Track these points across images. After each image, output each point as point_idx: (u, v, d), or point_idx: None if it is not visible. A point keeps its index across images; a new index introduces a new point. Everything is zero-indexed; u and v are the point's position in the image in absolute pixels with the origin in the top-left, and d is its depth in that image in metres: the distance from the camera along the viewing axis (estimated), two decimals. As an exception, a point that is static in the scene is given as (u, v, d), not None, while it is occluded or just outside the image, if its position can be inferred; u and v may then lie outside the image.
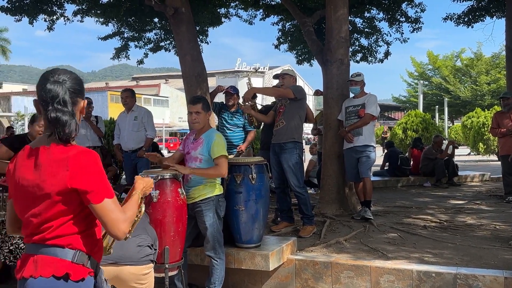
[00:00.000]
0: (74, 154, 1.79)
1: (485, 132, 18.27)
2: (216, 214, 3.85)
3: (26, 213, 1.83)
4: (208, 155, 3.81)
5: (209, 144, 3.80)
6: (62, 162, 1.77)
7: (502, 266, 4.00)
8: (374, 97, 5.95)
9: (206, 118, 3.91)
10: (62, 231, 1.80)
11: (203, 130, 3.91)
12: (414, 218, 6.21)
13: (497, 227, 5.56)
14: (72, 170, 1.76)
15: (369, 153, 5.85)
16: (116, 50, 10.75)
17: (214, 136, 3.84)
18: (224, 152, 3.81)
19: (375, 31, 11.19)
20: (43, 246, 1.80)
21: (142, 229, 3.07)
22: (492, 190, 9.09)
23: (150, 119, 6.95)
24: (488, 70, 41.04)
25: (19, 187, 1.84)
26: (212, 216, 3.83)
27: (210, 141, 3.81)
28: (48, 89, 1.81)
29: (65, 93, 1.82)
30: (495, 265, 4.06)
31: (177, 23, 6.29)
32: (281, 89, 5.29)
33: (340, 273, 4.16)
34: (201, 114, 3.86)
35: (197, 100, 3.94)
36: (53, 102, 1.80)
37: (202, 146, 3.84)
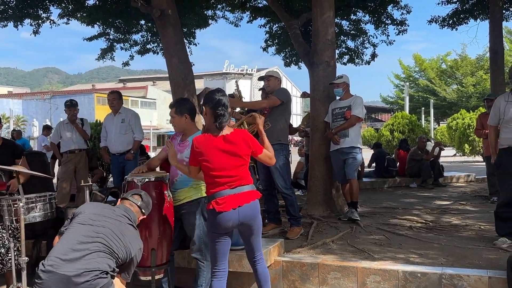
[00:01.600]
0: (245, 133, 3.33)
1: (470, 133, 18.47)
2: (202, 216, 3.81)
3: (221, 171, 3.19)
4: None
5: None
6: (243, 138, 3.25)
7: (486, 266, 4.05)
8: (360, 99, 5.99)
9: (183, 121, 3.85)
10: (246, 175, 3.27)
11: (190, 133, 3.87)
12: (400, 218, 6.26)
13: (481, 227, 5.63)
14: (249, 141, 3.27)
15: (356, 155, 5.89)
16: (102, 51, 10.70)
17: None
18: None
19: (361, 33, 11.28)
20: (242, 186, 3.23)
21: (92, 257, 2.91)
22: (477, 190, 9.20)
23: (137, 121, 6.92)
24: (473, 72, 41.52)
25: (218, 155, 3.19)
26: (198, 218, 3.81)
27: None
28: (218, 99, 3.27)
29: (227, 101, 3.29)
30: (479, 265, 4.11)
31: (164, 25, 6.28)
32: (267, 101, 5.33)
33: (327, 274, 4.19)
34: (175, 118, 3.85)
35: (172, 104, 3.94)
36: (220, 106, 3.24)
37: (189, 148, 3.83)
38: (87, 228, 3.05)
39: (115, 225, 3.13)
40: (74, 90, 62.94)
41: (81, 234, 3.01)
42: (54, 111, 43.71)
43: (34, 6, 8.59)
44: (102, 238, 3.00)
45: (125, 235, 3.12)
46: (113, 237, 3.04)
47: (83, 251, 2.91)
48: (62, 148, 7.27)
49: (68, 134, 7.18)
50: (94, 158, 8.15)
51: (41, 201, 3.96)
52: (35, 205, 3.90)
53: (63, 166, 7.19)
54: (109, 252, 2.98)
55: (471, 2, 10.59)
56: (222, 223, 3.22)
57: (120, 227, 3.14)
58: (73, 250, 2.90)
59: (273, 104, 5.22)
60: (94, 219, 3.12)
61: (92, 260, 2.89)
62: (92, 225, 3.07)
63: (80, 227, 3.07)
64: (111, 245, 3.00)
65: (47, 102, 47.97)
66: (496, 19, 9.31)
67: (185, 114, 3.83)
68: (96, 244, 2.97)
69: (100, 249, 2.95)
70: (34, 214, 3.88)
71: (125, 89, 55.16)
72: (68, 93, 51.91)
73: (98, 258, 2.92)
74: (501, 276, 3.68)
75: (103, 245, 2.97)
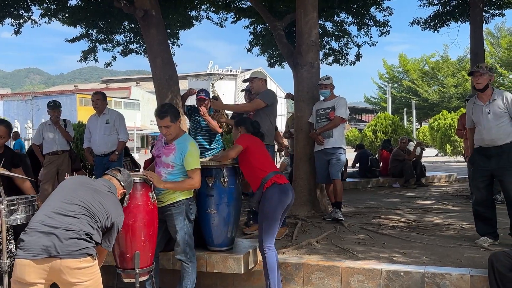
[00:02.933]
0: None
1: (451, 134, 18.77)
2: (186, 217, 3.82)
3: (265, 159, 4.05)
4: (181, 163, 3.78)
5: (183, 154, 3.76)
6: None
7: (468, 265, 4.10)
8: (344, 100, 6.03)
9: (177, 127, 3.85)
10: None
11: (177, 136, 3.86)
12: (383, 218, 6.32)
13: (463, 227, 5.71)
14: None
15: (339, 155, 5.92)
16: (84, 53, 10.58)
17: (188, 146, 3.78)
18: (198, 165, 3.80)
19: (345, 34, 11.35)
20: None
21: (75, 219, 2.89)
22: (459, 190, 9.33)
23: (122, 122, 6.86)
24: (455, 73, 42.10)
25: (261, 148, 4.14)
26: (182, 219, 3.80)
27: (184, 151, 3.76)
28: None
29: None
30: (461, 264, 4.17)
31: (147, 25, 6.23)
32: (250, 104, 5.39)
33: (311, 274, 4.20)
34: (171, 127, 3.78)
35: (163, 113, 3.76)
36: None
37: (175, 153, 3.79)
38: (67, 194, 3.05)
39: (94, 191, 3.12)
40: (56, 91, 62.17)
41: (61, 200, 2.99)
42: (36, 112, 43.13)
43: (15, 5, 8.46)
44: (83, 202, 2.98)
45: (105, 200, 3.10)
46: (93, 201, 3.03)
47: (66, 214, 2.89)
48: (44, 149, 7.18)
49: (51, 135, 7.09)
50: (77, 159, 8.05)
51: (23, 204, 3.90)
52: (17, 208, 3.84)
53: (46, 168, 7.10)
54: (90, 215, 2.96)
55: (452, 4, 10.73)
56: (289, 192, 3.91)
57: (99, 194, 3.12)
58: (55, 213, 2.89)
59: (257, 107, 5.25)
60: (73, 187, 3.12)
61: (75, 221, 2.88)
62: (72, 190, 3.08)
63: (60, 194, 3.07)
64: (91, 209, 2.98)
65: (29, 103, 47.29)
66: (477, 21, 9.45)
67: (178, 120, 3.86)
68: (78, 207, 2.95)
69: (81, 212, 2.93)
70: (16, 216, 3.82)
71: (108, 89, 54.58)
72: (50, 94, 51.23)
73: (81, 219, 2.90)
74: (482, 275, 3.74)
75: (84, 209, 2.96)
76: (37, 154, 7.42)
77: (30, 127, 37.86)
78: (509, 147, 4.63)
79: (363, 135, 19.77)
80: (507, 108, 4.64)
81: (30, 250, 2.74)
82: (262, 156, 4.07)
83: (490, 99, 4.73)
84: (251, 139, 4.14)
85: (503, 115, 4.65)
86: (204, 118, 5.90)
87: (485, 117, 4.72)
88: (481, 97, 4.82)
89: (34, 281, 2.76)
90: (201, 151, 6.09)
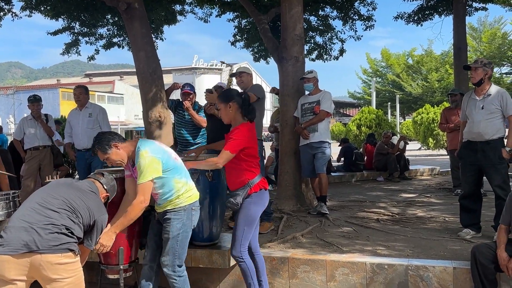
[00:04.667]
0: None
1: (434, 128, 18.93)
2: (184, 226, 3.44)
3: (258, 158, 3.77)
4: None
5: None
6: None
7: (451, 257, 4.15)
8: (329, 94, 6.04)
9: (120, 151, 3.39)
10: None
11: (131, 156, 3.44)
12: (367, 211, 6.35)
13: (446, 219, 5.77)
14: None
15: (325, 149, 5.94)
16: (66, 46, 10.42)
17: (137, 158, 3.33)
18: (145, 178, 3.28)
19: (330, 29, 11.35)
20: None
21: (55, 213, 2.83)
22: (441, 183, 9.43)
23: (105, 116, 6.77)
24: (438, 68, 42.47)
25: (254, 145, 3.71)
26: (179, 227, 3.42)
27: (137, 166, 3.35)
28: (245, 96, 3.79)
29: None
30: (444, 256, 4.21)
31: (130, 18, 6.16)
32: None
33: (296, 268, 4.21)
34: (111, 155, 3.38)
35: (94, 152, 3.46)
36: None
37: None
38: (48, 190, 3.01)
39: (77, 189, 3.09)
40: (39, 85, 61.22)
41: (41, 196, 2.95)
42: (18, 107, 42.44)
43: (-5, -3, 8.30)
44: (63, 197, 2.95)
45: (87, 198, 3.06)
46: (75, 198, 2.99)
47: (46, 207, 2.85)
48: (25, 144, 7.06)
49: (32, 130, 6.98)
50: (60, 155, 7.94)
51: (4, 200, 3.83)
52: (-4, 204, 3.78)
53: (27, 163, 6.99)
54: (71, 210, 2.92)
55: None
56: (267, 200, 3.78)
57: (82, 192, 3.08)
58: (34, 209, 2.84)
59: (251, 100, 5.21)
60: (54, 185, 3.09)
61: (55, 215, 2.84)
62: (53, 188, 3.05)
63: (41, 191, 3.04)
64: (72, 204, 2.94)
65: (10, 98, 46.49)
66: (460, 16, 9.54)
67: (113, 144, 3.42)
68: (58, 201, 2.91)
69: (62, 207, 2.89)
70: (-3, 213, 3.76)
71: (91, 84, 53.94)
72: (32, 88, 50.42)
73: (61, 214, 2.86)
74: (465, 267, 3.78)
75: (65, 204, 2.91)
76: (19, 149, 7.30)
77: (12, 122, 37.44)
78: (496, 143, 4.67)
79: (347, 129, 19.89)
80: (501, 106, 4.67)
81: (9, 245, 2.69)
82: (252, 154, 3.69)
83: (485, 94, 4.76)
84: (248, 135, 3.67)
85: (495, 111, 4.68)
86: (188, 112, 5.86)
87: (478, 111, 4.75)
88: (477, 92, 4.84)
89: (14, 278, 2.71)
90: (185, 146, 6.10)
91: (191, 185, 3.57)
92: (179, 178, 3.44)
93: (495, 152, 4.66)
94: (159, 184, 3.38)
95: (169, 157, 3.44)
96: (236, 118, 3.75)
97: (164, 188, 3.40)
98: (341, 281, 4.08)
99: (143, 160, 3.27)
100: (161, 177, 3.35)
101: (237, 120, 3.74)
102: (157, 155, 3.33)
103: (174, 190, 3.41)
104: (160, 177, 3.35)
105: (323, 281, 4.13)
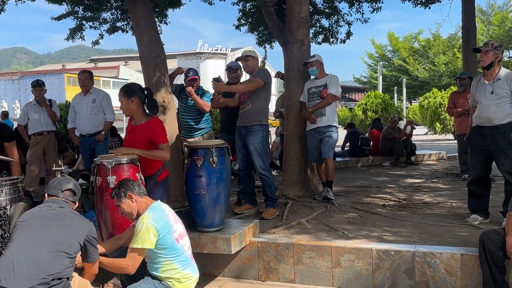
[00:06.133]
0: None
1: (441, 112, 18.76)
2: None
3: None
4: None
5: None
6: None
7: (458, 243, 4.10)
8: (336, 77, 5.96)
9: (133, 207, 3.18)
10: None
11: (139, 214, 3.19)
12: (373, 197, 6.31)
13: (453, 205, 5.72)
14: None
15: (332, 133, 5.87)
16: (70, 31, 10.33)
17: (138, 220, 3.12)
18: (138, 244, 2.99)
19: (336, 12, 11.19)
20: None
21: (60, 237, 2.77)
22: (449, 168, 9.37)
23: (109, 102, 6.75)
24: (445, 51, 42.00)
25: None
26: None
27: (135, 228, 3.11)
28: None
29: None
30: (452, 242, 4.16)
31: (133, 2, 6.04)
32: (252, 84, 5.25)
33: (301, 254, 4.18)
34: (122, 205, 3.19)
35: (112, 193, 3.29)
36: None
37: None
38: (30, 237, 2.82)
39: (56, 221, 2.93)
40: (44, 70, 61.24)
41: (25, 244, 2.78)
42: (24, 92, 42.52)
43: (-3, -18, 8.21)
44: (48, 240, 2.80)
45: (69, 226, 2.92)
46: (58, 236, 2.84)
47: (36, 261, 2.71)
48: (30, 130, 7.05)
49: (36, 115, 6.96)
50: (64, 140, 7.93)
51: (8, 185, 3.81)
52: (1, 189, 3.76)
53: (32, 149, 6.97)
54: (64, 253, 2.82)
55: (444, -20, 10.63)
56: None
57: (61, 221, 2.94)
58: (22, 263, 2.69)
59: (258, 85, 5.19)
60: (33, 226, 2.88)
61: (47, 265, 2.73)
62: (34, 231, 2.84)
63: (23, 236, 2.83)
64: (62, 247, 2.82)
65: (16, 83, 46.61)
66: (468, -3, 9.35)
67: (127, 196, 3.24)
68: (48, 247, 2.78)
69: (52, 251, 2.77)
70: (0, 198, 3.74)
71: (96, 69, 53.96)
72: (37, 74, 50.48)
73: (53, 261, 2.75)
74: (473, 253, 3.73)
75: (54, 247, 2.79)
76: (23, 135, 7.28)
77: (18, 107, 37.61)
78: (505, 127, 4.58)
79: (353, 114, 19.76)
80: (511, 91, 4.57)
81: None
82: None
83: (494, 78, 4.65)
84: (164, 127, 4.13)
85: (505, 95, 4.57)
86: (191, 97, 5.82)
87: (487, 95, 4.65)
88: (486, 75, 4.73)
89: None
90: (189, 131, 6.07)
91: (188, 275, 3.17)
92: (170, 260, 3.08)
93: (504, 137, 4.57)
94: (150, 256, 3.11)
95: (170, 234, 3.08)
96: (138, 113, 3.99)
97: (153, 262, 3.13)
98: (347, 267, 4.05)
99: (140, 224, 3.01)
100: (152, 250, 3.04)
101: (140, 115, 4.00)
102: (157, 225, 3.01)
103: (161, 269, 3.09)
104: (151, 250, 3.04)
105: (328, 267, 4.10)
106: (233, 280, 4.37)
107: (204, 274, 4.35)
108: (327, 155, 5.87)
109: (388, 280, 3.94)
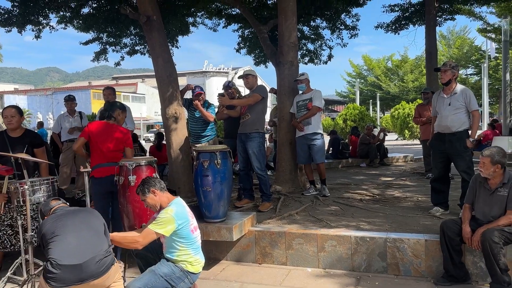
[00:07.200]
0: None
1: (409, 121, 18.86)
2: (170, 278, 3.07)
3: None
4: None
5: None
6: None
7: (423, 231, 4.15)
8: (319, 92, 6.01)
9: (157, 200, 3.20)
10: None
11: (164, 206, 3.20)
12: (352, 193, 6.35)
13: (419, 199, 5.76)
14: None
15: (317, 140, 5.91)
16: (96, 53, 10.36)
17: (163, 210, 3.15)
18: (156, 228, 3.02)
19: (320, 37, 11.27)
20: None
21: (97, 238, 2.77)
22: (415, 168, 9.41)
23: (129, 113, 6.76)
24: (412, 70, 42.24)
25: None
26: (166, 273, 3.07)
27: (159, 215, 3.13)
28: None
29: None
30: (417, 230, 4.20)
31: (149, 29, 6.11)
32: (251, 98, 5.35)
33: (292, 240, 4.22)
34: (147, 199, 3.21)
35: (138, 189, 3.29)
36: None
37: None
38: (70, 226, 2.81)
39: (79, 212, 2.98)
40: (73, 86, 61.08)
41: (70, 233, 2.76)
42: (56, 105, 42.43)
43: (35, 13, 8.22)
44: (86, 225, 2.84)
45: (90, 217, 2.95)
46: (88, 222, 2.89)
47: (81, 244, 2.71)
48: (62, 137, 7.07)
49: (67, 124, 6.98)
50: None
51: (45, 184, 3.86)
52: (40, 188, 3.80)
53: (64, 153, 7.00)
54: (100, 232, 2.87)
55: (411, 11, 10.72)
56: None
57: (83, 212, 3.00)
58: (73, 247, 2.70)
59: (257, 100, 5.30)
60: (66, 220, 2.85)
61: (92, 242, 2.76)
62: (71, 224, 2.83)
63: (65, 228, 2.79)
64: (94, 227, 2.86)
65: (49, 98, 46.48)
66: (431, 25, 9.43)
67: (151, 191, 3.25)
68: (86, 231, 2.80)
69: (91, 234, 2.80)
70: (39, 195, 3.78)
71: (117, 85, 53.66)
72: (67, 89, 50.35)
73: (95, 240, 2.79)
74: (435, 239, 3.78)
75: (92, 229, 2.84)
76: (57, 141, 7.30)
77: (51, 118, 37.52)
78: (461, 134, 4.66)
79: (335, 123, 19.84)
80: (465, 103, 4.65)
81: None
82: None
83: (452, 92, 4.74)
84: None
85: (460, 107, 4.66)
86: (198, 109, 5.88)
87: (446, 107, 4.73)
88: (445, 90, 4.82)
89: None
90: (197, 138, 6.10)
91: (198, 260, 3.23)
92: (186, 247, 3.13)
93: (460, 142, 4.64)
94: (168, 243, 3.15)
95: (187, 226, 3.13)
96: None
97: (171, 247, 3.15)
98: (330, 252, 4.09)
99: (164, 214, 3.06)
100: (170, 238, 3.09)
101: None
102: (177, 219, 3.06)
103: (177, 253, 3.12)
104: (169, 238, 3.09)
105: (314, 251, 4.14)
106: (235, 263, 4.39)
107: (210, 258, 4.38)
108: (319, 160, 5.89)
109: (365, 262, 3.98)
